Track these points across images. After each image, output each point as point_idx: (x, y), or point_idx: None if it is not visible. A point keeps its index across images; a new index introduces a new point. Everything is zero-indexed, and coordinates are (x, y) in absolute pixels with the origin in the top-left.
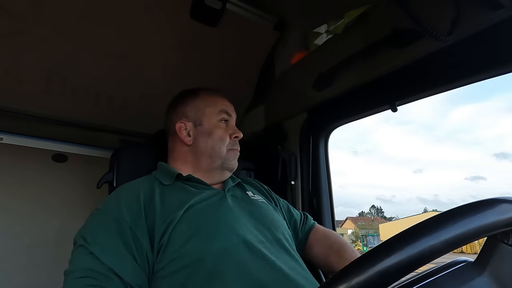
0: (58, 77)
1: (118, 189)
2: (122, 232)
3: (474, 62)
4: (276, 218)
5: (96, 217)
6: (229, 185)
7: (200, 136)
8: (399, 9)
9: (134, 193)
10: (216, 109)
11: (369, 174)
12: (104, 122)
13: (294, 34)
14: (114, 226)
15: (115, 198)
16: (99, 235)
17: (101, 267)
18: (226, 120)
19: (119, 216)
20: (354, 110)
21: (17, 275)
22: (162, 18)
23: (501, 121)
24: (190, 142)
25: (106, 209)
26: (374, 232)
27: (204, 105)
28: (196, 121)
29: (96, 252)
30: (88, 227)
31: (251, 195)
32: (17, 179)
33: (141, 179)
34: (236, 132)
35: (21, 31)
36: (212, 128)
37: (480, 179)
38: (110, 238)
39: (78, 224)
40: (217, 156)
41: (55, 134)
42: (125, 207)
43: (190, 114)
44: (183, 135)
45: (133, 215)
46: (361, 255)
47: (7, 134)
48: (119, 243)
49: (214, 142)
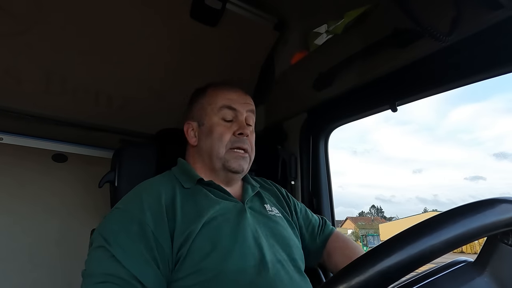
0: (58, 77)
1: (138, 187)
2: (145, 236)
3: (474, 62)
4: (291, 237)
5: (117, 216)
6: (248, 195)
7: (202, 136)
8: (399, 9)
9: (156, 195)
10: (217, 106)
11: (369, 174)
12: (104, 122)
13: (294, 34)
14: (137, 229)
15: (136, 197)
16: (120, 237)
17: (123, 273)
18: (230, 116)
19: (141, 219)
20: (354, 110)
21: (17, 275)
22: (162, 18)
23: (501, 121)
24: (195, 143)
25: (127, 209)
26: (374, 232)
27: (207, 103)
28: (200, 121)
29: (118, 255)
30: (109, 227)
31: (268, 210)
32: (17, 179)
33: (161, 178)
34: (241, 128)
35: (21, 31)
36: (212, 126)
37: (480, 179)
38: (132, 242)
39: (78, 224)
40: (216, 156)
41: (55, 134)
42: (148, 209)
43: (196, 114)
44: (190, 136)
45: (156, 219)
46: (361, 255)
47: (7, 134)
48: (141, 248)
49: (213, 141)
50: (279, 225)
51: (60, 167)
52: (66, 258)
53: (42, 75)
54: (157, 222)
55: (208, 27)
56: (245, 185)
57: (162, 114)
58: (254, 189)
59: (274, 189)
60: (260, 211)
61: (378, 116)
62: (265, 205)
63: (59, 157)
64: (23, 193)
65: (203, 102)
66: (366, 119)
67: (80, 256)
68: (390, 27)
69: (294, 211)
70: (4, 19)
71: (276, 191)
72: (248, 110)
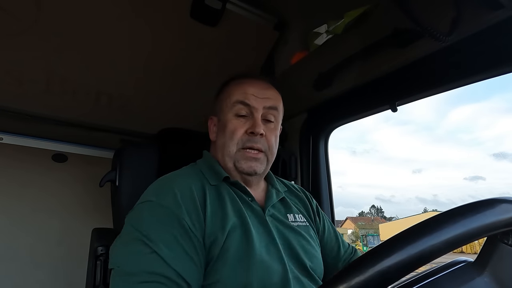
0: (58, 77)
1: (168, 180)
2: (185, 232)
3: (474, 62)
4: (313, 251)
5: (152, 210)
6: (272, 201)
7: (219, 132)
8: (399, 9)
9: (188, 190)
10: (231, 100)
11: (369, 174)
12: (104, 122)
13: (294, 34)
14: (176, 225)
15: (169, 191)
16: (160, 232)
17: (169, 272)
18: (245, 112)
19: (179, 214)
20: (354, 110)
21: (17, 275)
22: (162, 18)
23: (501, 121)
24: (214, 138)
25: (161, 202)
26: (374, 232)
27: (223, 99)
28: (219, 117)
29: (161, 253)
30: (144, 220)
31: (291, 220)
32: (17, 179)
33: (189, 171)
34: (254, 126)
35: (21, 31)
36: (226, 122)
37: (479, 179)
38: (174, 238)
39: (78, 224)
40: (227, 154)
41: (55, 134)
42: (183, 204)
43: (217, 109)
44: (212, 131)
45: (191, 216)
46: (361, 255)
47: (7, 134)
48: (184, 245)
49: (225, 138)
50: (301, 237)
51: (60, 167)
52: (66, 257)
53: (42, 75)
54: (193, 219)
55: (208, 27)
56: (269, 188)
57: (162, 114)
58: (278, 194)
59: (303, 196)
60: (282, 220)
61: (377, 116)
62: (288, 214)
63: (59, 157)
64: (23, 193)
65: (222, 96)
66: (365, 119)
67: (80, 255)
68: (390, 27)
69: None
70: (4, 19)
71: (304, 198)
72: (267, 106)
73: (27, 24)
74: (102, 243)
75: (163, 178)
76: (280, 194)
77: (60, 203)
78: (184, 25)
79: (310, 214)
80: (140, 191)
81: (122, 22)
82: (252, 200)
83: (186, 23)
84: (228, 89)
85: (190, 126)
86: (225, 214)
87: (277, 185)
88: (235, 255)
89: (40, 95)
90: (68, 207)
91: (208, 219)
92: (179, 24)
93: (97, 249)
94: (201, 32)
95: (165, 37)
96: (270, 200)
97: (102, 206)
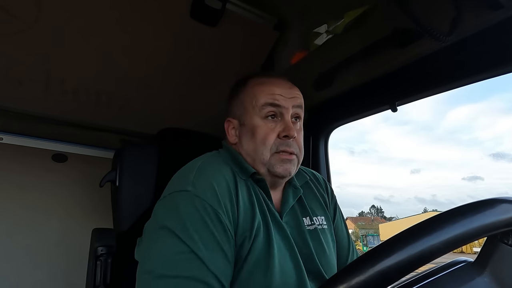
0: (58, 77)
1: (204, 169)
2: (224, 230)
3: (474, 62)
4: (328, 255)
5: (190, 202)
6: (288, 205)
7: (243, 136)
8: (399, 9)
9: (225, 183)
10: (258, 103)
11: (367, 175)
12: (104, 122)
13: (294, 34)
14: (216, 222)
15: (207, 181)
16: (199, 229)
17: (208, 276)
18: (273, 114)
19: (218, 209)
20: (354, 110)
21: (17, 276)
22: (162, 18)
23: (498, 121)
24: (235, 141)
25: (200, 194)
26: (374, 232)
27: (247, 100)
28: (241, 119)
29: (200, 253)
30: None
31: (307, 224)
32: (16, 179)
33: (219, 160)
34: (287, 129)
35: (21, 31)
36: (254, 128)
37: (478, 179)
38: (212, 236)
39: (77, 224)
40: (259, 161)
41: (55, 134)
42: (222, 199)
43: (236, 110)
44: (231, 134)
45: (229, 212)
46: (361, 255)
47: (7, 134)
48: (220, 243)
49: (256, 144)
50: (316, 241)
51: (60, 167)
52: (66, 258)
53: (42, 75)
54: (229, 216)
55: (208, 27)
56: (286, 189)
57: (162, 114)
58: (295, 194)
59: (323, 189)
60: (298, 225)
61: (376, 117)
62: (304, 218)
63: (59, 157)
64: (23, 193)
65: (243, 98)
66: (364, 120)
67: (80, 256)
68: (390, 27)
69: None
70: (4, 19)
71: (324, 194)
72: (295, 105)
73: (27, 24)
74: (102, 243)
75: (193, 166)
76: (298, 192)
77: (60, 203)
78: (184, 25)
79: (328, 209)
80: (140, 191)
81: (122, 22)
82: (271, 203)
83: (186, 23)
84: (250, 90)
85: (190, 126)
86: (254, 214)
87: (295, 182)
88: (257, 258)
89: (40, 95)
90: (68, 207)
91: (240, 216)
92: (179, 24)
93: (97, 249)
94: (201, 32)
95: (165, 37)
96: (287, 205)
97: (102, 206)
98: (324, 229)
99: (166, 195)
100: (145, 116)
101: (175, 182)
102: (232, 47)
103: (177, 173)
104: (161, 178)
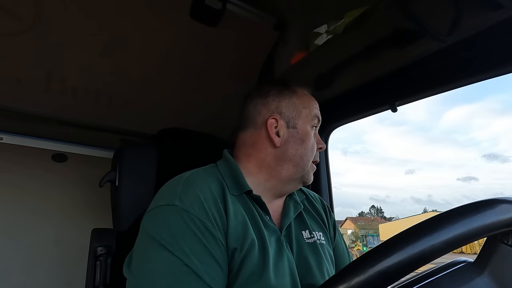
0: (58, 77)
1: (191, 183)
2: (214, 240)
3: (474, 62)
4: (326, 269)
5: (178, 216)
6: (289, 218)
7: (291, 140)
8: (399, 9)
9: (212, 197)
10: (311, 113)
11: (363, 175)
12: (104, 122)
13: (294, 34)
14: (205, 233)
15: (193, 196)
16: (190, 242)
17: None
18: (315, 127)
19: (206, 221)
20: (354, 110)
21: (16, 276)
22: (162, 18)
23: (494, 122)
24: (279, 144)
25: (187, 208)
26: (374, 232)
27: (301, 105)
28: (290, 122)
29: (194, 267)
30: (171, 226)
31: (306, 237)
32: (16, 179)
33: (209, 176)
34: (320, 143)
35: (21, 31)
36: (306, 135)
37: (472, 179)
38: (204, 248)
39: (77, 224)
40: (302, 167)
41: (55, 134)
42: (210, 212)
43: (286, 111)
44: (273, 133)
45: (217, 221)
46: (361, 255)
47: (7, 134)
48: (212, 253)
49: (306, 151)
50: (315, 255)
51: (60, 167)
52: (65, 258)
53: (42, 75)
54: (219, 226)
55: (208, 27)
56: (287, 202)
57: (162, 114)
58: (296, 208)
59: (320, 207)
60: (297, 239)
61: (372, 117)
62: (303, 231)
63: (59, 157)
64: (23, 193)
65: (296, 102)
66: (360, 120)
67: (79, 256)
68: (390, 27)
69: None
70: (4, 19)
71: (322, 212)
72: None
73: (27, 24)
74: (102, 243)
75: (181, 178)
76: (299, 207)
77: (60, 203)
78: (184, 25)
79: (326, 227)
80: (140, 191)
81: (121, 22)
82: (269, 218)
83: (186, 23)
84: (303, 97)
85: (190, 126)
86: (246, 229)
87: (296, 197)
88: (252, 271)
89: (40, 95)
90: (68, 207)
91: (231, 228)
92: (179, 24)
93: (96, 250)
94: (201, 32)
95: (165, 37)
96: (287, 218)
97: (101, 206)
98: (323, 244)
99: (153, 208)
100: (145, 116)
101: (162, 194)
102: (232, 47)
103: (166, 184)
104: (161, 178)
